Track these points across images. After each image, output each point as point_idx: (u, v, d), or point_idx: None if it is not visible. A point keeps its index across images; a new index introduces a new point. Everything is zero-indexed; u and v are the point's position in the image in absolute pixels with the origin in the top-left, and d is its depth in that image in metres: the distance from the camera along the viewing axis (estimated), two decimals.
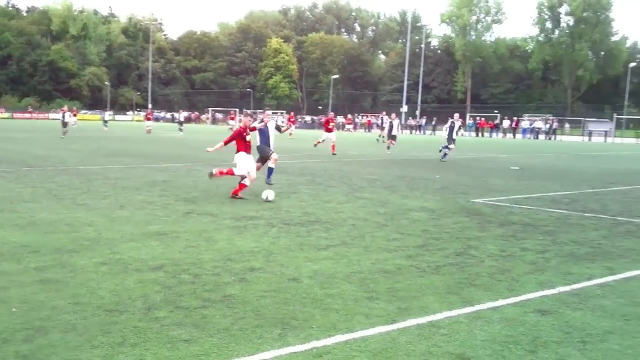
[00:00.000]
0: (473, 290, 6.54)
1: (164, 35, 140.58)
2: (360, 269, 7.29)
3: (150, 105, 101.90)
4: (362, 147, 38.14)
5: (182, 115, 59.56)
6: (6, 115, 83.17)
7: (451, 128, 26.23)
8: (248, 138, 13.56)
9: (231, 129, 55.92)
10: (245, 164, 13.40)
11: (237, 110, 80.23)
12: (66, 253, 7.67)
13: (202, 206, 11.84)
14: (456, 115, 26.81)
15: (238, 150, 13.45)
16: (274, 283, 6.60)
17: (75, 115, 49.98)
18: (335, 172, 19.84)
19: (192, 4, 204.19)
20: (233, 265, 7.32)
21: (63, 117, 38.38)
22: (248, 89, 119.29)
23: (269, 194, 13.18)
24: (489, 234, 9.76)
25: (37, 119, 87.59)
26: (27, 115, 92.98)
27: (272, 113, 71.12)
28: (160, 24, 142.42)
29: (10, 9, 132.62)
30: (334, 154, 28.05)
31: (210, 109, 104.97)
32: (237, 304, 5.83)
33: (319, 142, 29.95)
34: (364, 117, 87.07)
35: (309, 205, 12.41)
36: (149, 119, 52.12)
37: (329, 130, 29.64)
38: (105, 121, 57.07)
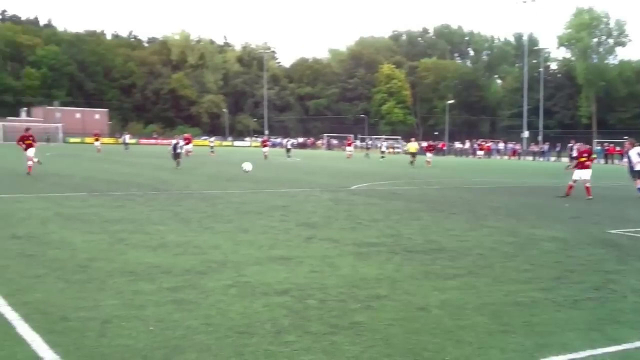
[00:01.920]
0: (617, 327, 6.16)
1: (277, 63, 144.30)
2: (491, 301, 7.06)
3: (266, 132, 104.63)
4: (485, 173, 37.29)
5: (289, 142, 60.61)
6: (133, 140, 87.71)
7: (629, 158, 21.00)
8: None
9: (349, 155, 55.95)
10: None
11: (352, 136, 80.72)
12: (196, 274, 7.91)
13: (323, 231, 11.92)
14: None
15: None
16: (401, 312, 6.50)
17: (189, 142, 48.73)
18: (456, 199, 19.49)
19: (303, 32, 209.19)
20: (358, 292, 7.28)
21: (174, 148, 33.39)
22: (362, 115, 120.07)
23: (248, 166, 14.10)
24: (629, 267, 9.21)
25: (161, 144, 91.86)
26: (152, 141, 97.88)
27: (386, 139, 70.73)
28: (274, 52, 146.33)
29: (133, 40, 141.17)
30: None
31: (325, 134, 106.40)
32: (366, 332, 5.77)
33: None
34: (483, 143, 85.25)
35: (432, 232, 12.22)
36: (265, 145, 53.23)
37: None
38: (212, 147, 60.67)
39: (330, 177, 28.72)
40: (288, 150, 55.65)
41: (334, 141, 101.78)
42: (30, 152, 25.77)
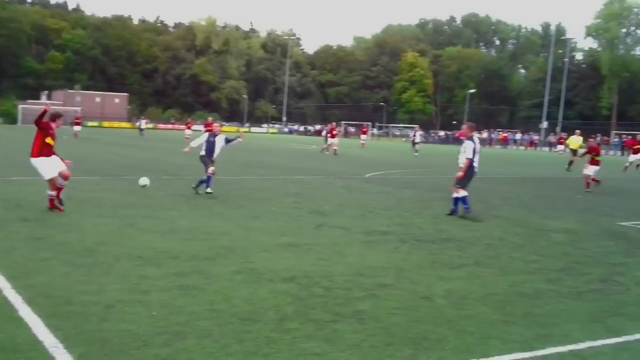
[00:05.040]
0: (619, 319, 6.13)
1: (301, 49, 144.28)
2: (495, 291, 7.06)
3: (284, 119, 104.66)
4: (499, 164, 37.09)
5: (416, 134, 50.53)
6: (150, 125, 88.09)
7: None
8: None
9: (363, 144, 54.26)
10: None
11: (370, 124, 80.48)
12: (203, 260, 7.96)
13: (334, 219, 11.94)
14: None
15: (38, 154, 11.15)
16: (405, 301, 6.52)
17: (189, 127, 52.77)
18: (469, 189, 19.37)
19: (328, 19, 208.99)
20: (364, 280, 7.30)
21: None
22: (381, 103, 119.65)
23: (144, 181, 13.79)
24: (636, 259, 9.17)
25: (179, 129, 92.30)
26: (169, 126, 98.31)
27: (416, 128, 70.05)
28: (298, 38, 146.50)
29: (159, 24, 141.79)
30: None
31: (342, 122, 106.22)
32: (368, 320, 5.80)
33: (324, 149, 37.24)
34: (500, 133, 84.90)
35: (442, 222, 12.20)
36: (333, 136, 37.67)
37: (333, 137, 36.42)
38: (141, 129, 57.88)
39: (345, 165, 28.69)
40: (415, 143, 44.56)
41: (351, 129, 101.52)
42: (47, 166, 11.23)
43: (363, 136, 58.01)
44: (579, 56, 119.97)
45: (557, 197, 17.81)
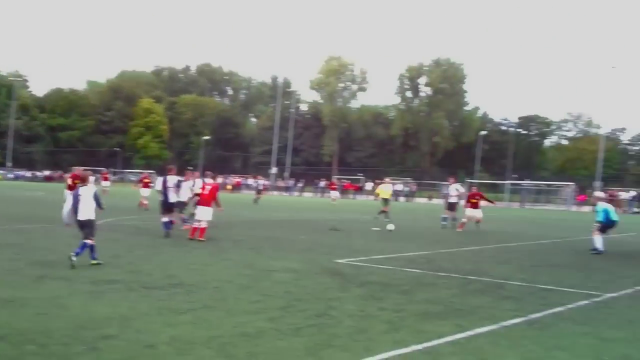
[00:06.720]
0: (331, 351, 6.51)
1: (29, 91, 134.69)
2: (220, 333, 7.08)
3: (9, 164, 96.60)
4: (234, 208, 37.81)
5: (259, 184, 51.51)
6: None
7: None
8: None
9: (105, 190, 51.65)
10: None
11: (106, 169, 77.38)
12: None
13: (58, 270, 11.15)
14: None
15: None
16: (128, 351, 6.27)
17: None
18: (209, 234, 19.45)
19: (60, 62, 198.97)
20: (86, 333, 6.88)
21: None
22: (116, 148, 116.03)
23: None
24: (349, 294, 9.85)
25: None
26: None
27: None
28: (26, 80, 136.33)
29: None
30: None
31: (74, 167, 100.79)
32: None
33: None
34: (233, 178, 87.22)
35: (173, 267, 12.03)
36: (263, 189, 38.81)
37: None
38: None
39: None
40: (259, 191, 46.24)
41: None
42: None
43: (105, 182, 55.36)
44: (304, 107, 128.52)
45: (283, 239, 18.60)
